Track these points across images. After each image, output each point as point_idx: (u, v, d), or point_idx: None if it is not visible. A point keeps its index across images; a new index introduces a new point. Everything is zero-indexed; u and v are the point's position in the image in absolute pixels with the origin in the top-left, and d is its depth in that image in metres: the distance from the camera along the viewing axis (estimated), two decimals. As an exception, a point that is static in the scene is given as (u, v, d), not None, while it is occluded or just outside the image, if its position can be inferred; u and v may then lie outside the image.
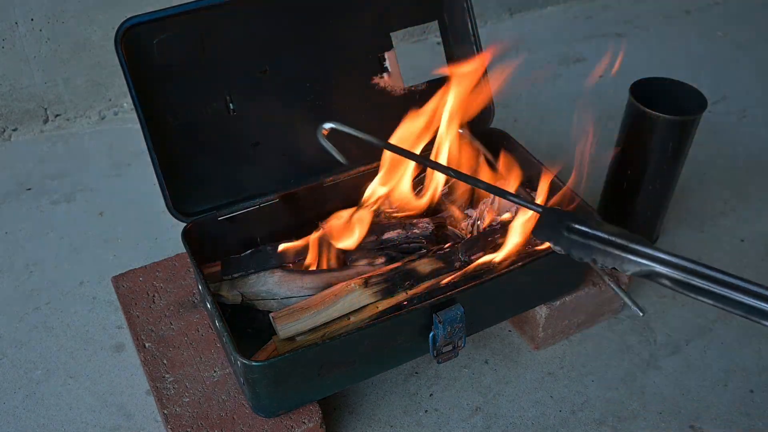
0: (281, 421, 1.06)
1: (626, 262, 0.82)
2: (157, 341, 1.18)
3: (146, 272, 1.30)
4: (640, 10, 2.39)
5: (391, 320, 1.05)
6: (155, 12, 1.11)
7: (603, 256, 0.84)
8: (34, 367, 1.28)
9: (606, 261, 0.84)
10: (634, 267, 0.82)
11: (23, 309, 1.38)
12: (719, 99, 1.96)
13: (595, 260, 0.84)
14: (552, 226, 0.88)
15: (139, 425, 1.18)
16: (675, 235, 1.53)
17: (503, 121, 1.78)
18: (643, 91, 1.33)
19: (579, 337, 1.33)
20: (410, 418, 1.19)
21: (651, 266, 0.81)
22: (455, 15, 1.36)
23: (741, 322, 1.36)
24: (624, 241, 0.83)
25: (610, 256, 0.83)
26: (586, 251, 0.85)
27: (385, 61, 1.33)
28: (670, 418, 1.20)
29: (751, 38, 2.24)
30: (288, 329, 1.05)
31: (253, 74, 1.23)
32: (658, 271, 0.80)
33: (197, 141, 1.21)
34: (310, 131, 1.29)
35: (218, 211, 1.21)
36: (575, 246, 0.86)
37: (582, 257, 0.85)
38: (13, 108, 1.78)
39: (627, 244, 0.83)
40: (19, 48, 1.70)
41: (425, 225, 1.23)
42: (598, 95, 1.97)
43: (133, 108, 1.30)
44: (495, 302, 1.17)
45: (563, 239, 0.86)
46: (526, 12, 2.36)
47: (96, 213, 1.60)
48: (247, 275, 1.18)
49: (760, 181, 1.69)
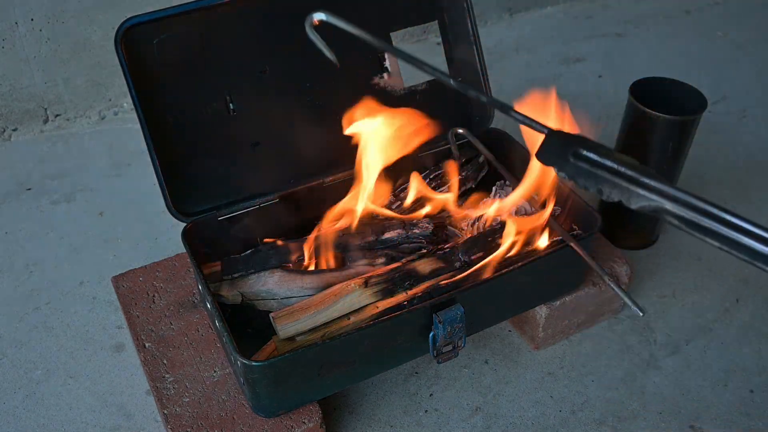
0: (281, 421, 1.06)
1: (634, 196, 0.77)
2: (157, 341, 1.18)
3: (146, 272, 1.30)
4: (640, 10, 2.39)
5: (391, 320, 1.05)
6: (155, 12, 1.11)
7: (610, 187, 0.79)
8: (34, 367, 1.28)
9: (613, 192, 0.79)
10: (642, 201, 0.77)
11: (23, 309, 1.38)
12: (719, 99, 1.96)
13: (601, 190, 0.79)
14: (557, 150, 0.82)
15: (139, 425, 1.18)
16: (675, 235, 1.53)
17: (503, 120, 1.78)
18: (643, 91, 1.33)
19: (579, 337, 1.33)
20: (410, 418, 1.19)
21: (660, 202, 0.76)
22: (455, 15, 1.36)
23: (741, 322, 1.36)
24: (634, 173, 0.78)
25: (617, 188, 0.78)
26: (593, 180, 0.80)
27: (385, 61, 1.33)
28: (670, 418, 1.20)
29: (751, 38, 2.24)
30: (288, 329, 1.05)
31: (253, 74, 1.23)
32: (667, 208, 0.76)
33: (197, 141, 1.21)
34: (310, 131, 1.30)
35: (218, 211, 1.21)
36: (581, 173, 0.80)
37: (587, 186, 0.80)
38: (13, 108, 1.78)
39: (637, 176, 0.78)
40: (19, 48, 1.70)
41: (425, 225, 1.23)
42: (598, 95, 1.97)
43: (133, 108, 1.30)
44: (495, 302, 1.17)
45: (569, 165, 0.81)
46: (526, 12, 2.36)
47: (96, 213, 1.60)
48: (247, 275, 1.18)
49: (760, 181, 1.69)
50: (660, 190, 0.78)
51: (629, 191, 0.79)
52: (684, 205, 0.77)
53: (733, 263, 1.47)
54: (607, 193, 0.80)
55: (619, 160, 0.81)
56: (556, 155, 0.83)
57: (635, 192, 0.78)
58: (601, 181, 0.80)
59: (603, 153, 0.82)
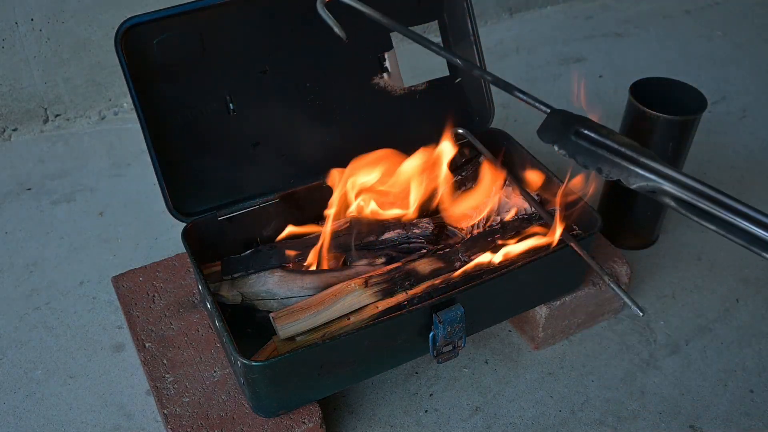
0: (281, 421, 1.06)
1: (633, 175, 0.78)
2: (157, 341, 1.18)
3: (146, 272, 1.30)
4: (640, 10, 2.39)
5: (391, 320, 1.05)
6: (155, 12, 1.11)
7: (609, 166, 0.79)
8: (34, 367, 1.28)
9: (612, 171, 0.79)
10: (640, 181, 0.77)
11: (23, 309, 1.38)
12: (719, 99, 1.96)
13: (600, 169, 0.79)
14: (559, 128, 0.83)
15: (139, 425, 1.18)
16: (675, 235, 1.53)
17: (503, 121, 1.79)
18: (643, 91, 1.33)
19: (579, 337, 1.33)
20: (410, 418, 1.19)
21: (659, 182, 0.76)
22: (455, 15, 1.36)
23: (741, 321, 1.36)
24: (634, 153, 0.79)
25: (617, 167, 0.79)
26: (593, 158, 0.80)
27: (385, 61, 1.33)
28: (670, 418, 1.20)
29: (750, 38, 2.24)
30: (288, 329, 1.05)
31: (253, 74, 1.23)
32: (665, 189, 0.76)
33: (197, 141, 1.21)
34: (310, 131, 1.29)
35: (218, 211, 1.21)
36: (581, 151, 0.81)
37: (587, 164, 0.80)
38: (13, 108, 1.78)
39: (636, 156, 0.78)
40: (19, 48, 1.70)
41: (425, 225, 1.23)
42: (598, 95, 1.97)
43: (133, 108, 1.30)
44: (495, 302, 1.17)
45: (570, 143, 0.82)
46: (526, 12, 2.36)
47: (96, 213, 1.60)
48: (247, 275, 1.18)
49: (760, 181, 1.69)
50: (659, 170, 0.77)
51: (628, 170, 0.79)
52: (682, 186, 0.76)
53: (733, 263, 1.47)
54: (606, 172, 0.80)
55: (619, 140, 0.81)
56: (558, 133, 0.83)
57: (634, 171, 0.78)
58: (600, 160, 0.80)
59: (604, 133, 0.82)
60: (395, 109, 1.35)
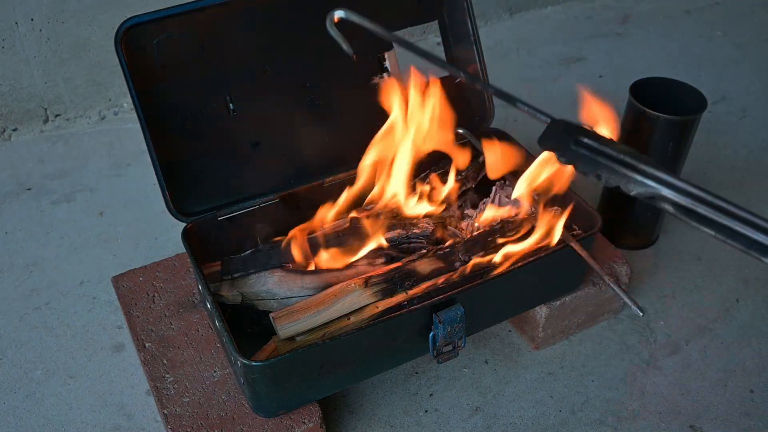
0: (281, 421, 1.06)
1: (632, 182, 0.79)
2: (157, 341, 1.18)
3: (146, 272, 1.30)
4: (640, 10, 2.39)
5: (391, 320, 1.05)
6: (155, 12, 1.11)
7: (609, 173, 0.81)
8: (34, 367, 1.28)
9: (611, 178, 0.81)
10: (639, 188, 0.78)
11: (23, 309, 1.38)
12: (719, 99, 1.96)
13: (600, 176, 0.81)
14: (559, 136, 0.85)
15: (139, 425, 1.18)
16: (675, 235, 1.53)
17: (503, 121, 1.79)
18: (643, 91, 1.33)
19: (579, 337, 1.33)
20: (410, 418, 1.19)
21: (657, 189, 0.77)
22: (455, 15, 1.36)
23: (741, 321, 1.36)
24: (633, 161, 0.80)
25: (616, 174, 0.80)
26: (592, 165, 0.82)
27: (385, 61, 1.33)
28: (670, 418, 1.20)
29: (751, 38, 2.24)
30: (288, 329, 1.05)
31: (253, 74, 1.23)
32: (664, 195, 0.77)
33: (197, 141, 1.21)
34: (310, 131, 1.29)
35: (218, 211, 1.21)
36: (581, 159, 0.83)
37: (587, 171, 0.82)
38: (13, 108, 1.78)
39: (636, 163, 0.80)
40: (19, 48, 1.70)
41: (425, 225, 1.23)
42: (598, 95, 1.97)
43: (133, 108, 1.30)
44: (495, 302, 1.17)
45: (570, 151, 0.83)
46: (526, 12, 2.36)
47: (96, 213, 1.60)
48: (247, 275, 1.18)
49: (760, 181, 1.69)
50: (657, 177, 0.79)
51: (627, 177, 0.80)
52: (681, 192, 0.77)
53: (733, 263, 1.47)
54: (605, 179, 0.81)
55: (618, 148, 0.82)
56: (558, 140, 0.85)
57: (633, 178, 0.80)
58: (600, 167, 0.82)
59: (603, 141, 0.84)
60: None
